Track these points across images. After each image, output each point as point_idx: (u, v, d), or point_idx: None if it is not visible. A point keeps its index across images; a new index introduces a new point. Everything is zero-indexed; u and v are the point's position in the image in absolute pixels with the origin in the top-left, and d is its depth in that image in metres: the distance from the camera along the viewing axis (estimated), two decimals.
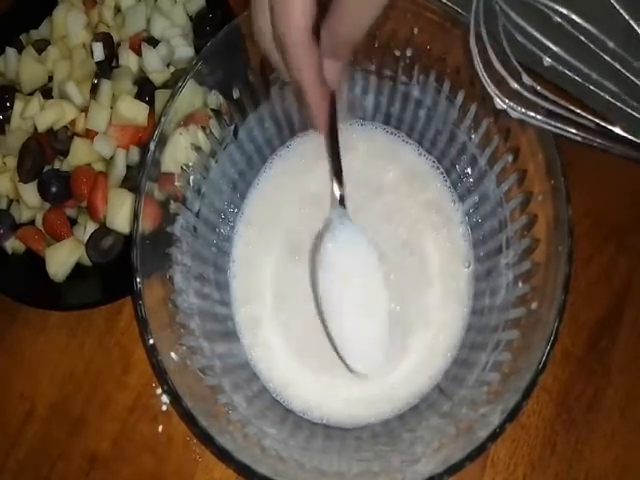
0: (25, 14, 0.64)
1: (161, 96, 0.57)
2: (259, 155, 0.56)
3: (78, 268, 0.58)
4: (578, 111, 0.35)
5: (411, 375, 0.51)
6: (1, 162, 0.60)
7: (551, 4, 0.34)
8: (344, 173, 0.47)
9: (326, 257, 0.47)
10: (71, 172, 0.58)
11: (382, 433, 0.49)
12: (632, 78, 0.34)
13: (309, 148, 0.55)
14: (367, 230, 0.48)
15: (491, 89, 0.36)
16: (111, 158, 0.58)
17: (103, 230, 0.57)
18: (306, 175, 0.52)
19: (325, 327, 0.48)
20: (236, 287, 0.54)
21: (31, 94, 0.60)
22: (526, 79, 0.36)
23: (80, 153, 0.57)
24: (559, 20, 0.34)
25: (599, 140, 0.34)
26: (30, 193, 0.58)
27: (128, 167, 0.58)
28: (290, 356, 0.52)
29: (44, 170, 0.58)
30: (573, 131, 0.35)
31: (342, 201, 0.47)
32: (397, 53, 0.49)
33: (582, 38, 0.34)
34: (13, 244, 0.59)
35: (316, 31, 0.37)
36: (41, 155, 0.58)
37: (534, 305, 0.43)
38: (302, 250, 0.54)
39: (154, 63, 0.59)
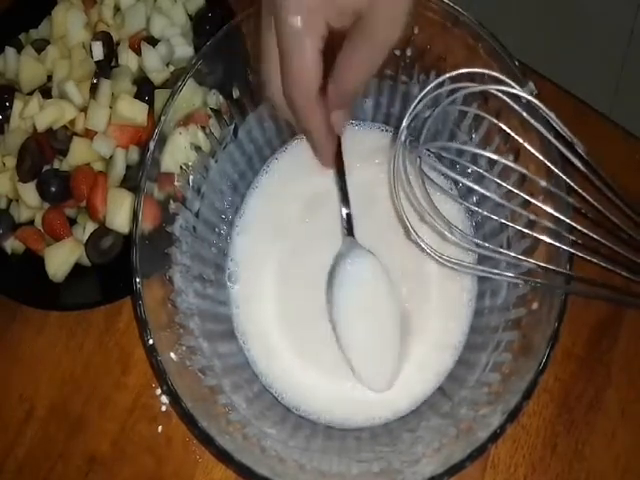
0: (24, 13, 0.64)
1: (161, 95, 0.57)
2: (259, 155, 0.56)
3: (77, 268, 0.57)
4: None
5: (412, 376, 0.51)
6: (0, 162, 0.60)
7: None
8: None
9: (340, 291, 0.49)
10: (70, 172, 0.57)
11: (382, 433, 0.49)
12: None
13: (309, 148, 0.55)
14: (377, 259, 0.49)
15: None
16: (110, 158, 0.58)
17: (102, 230, 0.56)
18: (306, 175, 0.52)
19: (338, 342, 0.50)
20: (236, 287, 0.54)
21: (30, 94, 0.60)
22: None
23: (79, 153, 0.57)
24: None
25: None
26: (29, 193, 0.58)
27: (128, 167, 0.58)
28: (291, 357, 0.52)
29: (43, 170, 0.58)
30: None
31: (351, 231, 0.50)
32: (397, 53, 0.49)
33: None
34: (12, 244, 0.59)
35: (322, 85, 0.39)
36: (40, 155, 0.58)
37: (535, 305, 0.43)
38: (303, 250, 0.54)
39: (154, 62, 0.59)
